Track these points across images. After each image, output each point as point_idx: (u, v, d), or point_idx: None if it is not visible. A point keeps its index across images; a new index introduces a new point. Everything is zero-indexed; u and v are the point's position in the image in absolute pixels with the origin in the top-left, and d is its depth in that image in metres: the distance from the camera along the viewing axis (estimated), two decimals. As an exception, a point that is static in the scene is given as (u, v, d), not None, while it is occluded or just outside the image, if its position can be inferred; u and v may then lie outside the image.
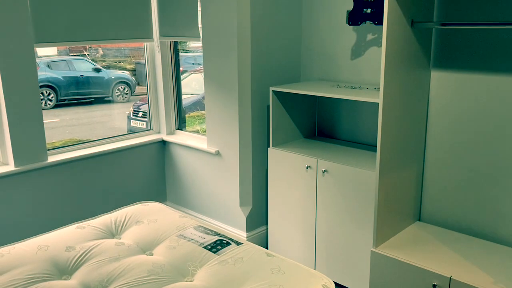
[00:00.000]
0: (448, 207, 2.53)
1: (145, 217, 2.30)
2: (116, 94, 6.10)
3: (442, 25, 2.18)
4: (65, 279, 1.84)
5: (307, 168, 2.77)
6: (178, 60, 3.63)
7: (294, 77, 3.26)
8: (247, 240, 3.16)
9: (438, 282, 2.09)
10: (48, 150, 3.15)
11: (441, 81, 2.48)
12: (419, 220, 2.66)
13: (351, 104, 3.01)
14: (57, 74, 5.97)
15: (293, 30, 3.16)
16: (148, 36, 3.47)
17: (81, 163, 3.21)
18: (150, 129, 3.73)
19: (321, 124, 3.22)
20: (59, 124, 5.75)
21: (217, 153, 3.22)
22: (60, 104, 5.82)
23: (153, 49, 3.60)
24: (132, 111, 4.95)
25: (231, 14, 2.88)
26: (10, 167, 2.89)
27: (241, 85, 2.99)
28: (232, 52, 2.94)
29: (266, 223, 3.31)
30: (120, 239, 2.16)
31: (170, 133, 3.70)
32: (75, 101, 6.10)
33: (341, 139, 3.11)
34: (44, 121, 3.01)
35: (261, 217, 3.27)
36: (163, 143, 3.66)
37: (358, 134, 3.01)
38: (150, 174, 3.62)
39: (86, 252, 1.97)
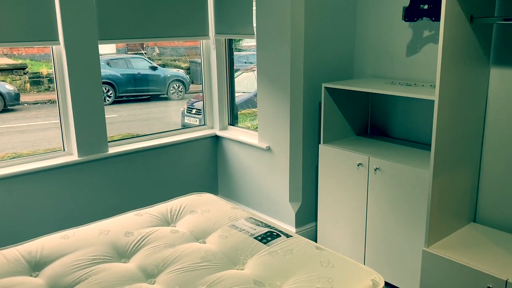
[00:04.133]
0: (505, 209, 2.45)
1: (199, 207, 2.39)
2: (171, 91, 6.28)
3: (505, 20, 2.12)
4: (123, 262, 1.96)
5: (358, 165, 2.77)
6: (232, 58, 3.72)
7: (347, 74, 3.25)
8: (296, 235, 3.19)
9: (493, 285, 2.03)
10: (108, 142, 3.31)
11: (501, 79, 2.40)
12: (474, 221, 2.59)
13: (406, 101, 2.97)
14: (116, 72, 6.17)
15: (347, 27, 3.15)
16: (204, 33, 3.57)
17: (139, 155, 3.36)
18: (204, 124, 3.84)
19: (374, 122, 3.19)
20: (117, 119, 5.98)
21: (268, 149, 3.27)
22: (118, 101, 6.06)
23: (208, 47, 3.70)
24: (186, 108, 5.10)
25: (285, 11, 2.92)
26: (74, 157, 3.07)
27: (293, 82, 3.02)
28: (285, 49, 2.98)
29: (316, 220, 3.33)
30: (175, 227, 2.25)
31: (222, 128, 3.79)
32: (132, 98, 6.32)
33: (394, 137, 3.08)
34: (105, 115, 3.18)
35: (311, 213, 3.29)
36: (216, 138, 3.76)
37: (412, 133, 2.97)
38: (203, 167, 3.73)
39: (143, 238, 2.08)
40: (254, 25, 3.23)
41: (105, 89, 5.94)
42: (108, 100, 5.94)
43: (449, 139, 2.29)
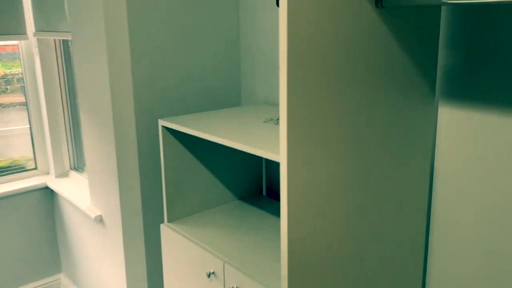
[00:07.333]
0: None
1: None
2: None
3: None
4: None
5: (209, 275, 1.50)
6: (72, 66, 2.42)
7: (232, 99, 1.97)
8: None
9: None
10: None
11: (460, 128, 1.12)
12: None
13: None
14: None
15: (227, 22, 1.86)
16: (18, 31, 2.29)
17: None
18: (34, 168, 2.55)
19: (271, 178, 1.92)
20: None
21: (100, 220, 2.00)
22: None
23: (31, 51, 2.42)
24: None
25: (91, -9, 1.65)
26: None
27: (119, 115, 1.74)
28: (102, 59, 1.70)
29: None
30: None
31: (61, 175, 2.50)
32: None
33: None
34: None
35: (167, 327, 2.01)
36: (51, 191, 2.47)
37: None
38: (34, 236, 2.46)
39: None
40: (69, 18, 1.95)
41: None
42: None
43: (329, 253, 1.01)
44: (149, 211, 1.84)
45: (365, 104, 0.98)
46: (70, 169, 2.49)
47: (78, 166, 2.48)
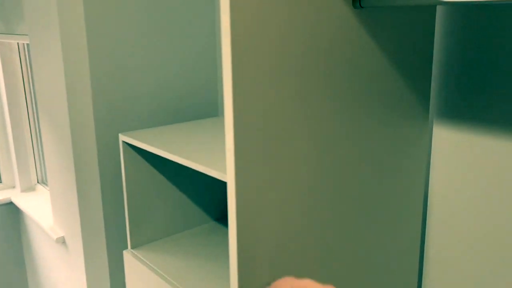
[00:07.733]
0: None
1: None
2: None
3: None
4: None
5: (173, 314, 1.31)
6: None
7: (209, 108, 1.78)
8: None
9: None
10: None
11: (458, 150, 0.93)
12: None
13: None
14: None
15: (202, 21, 1.67)
16: (-23, 33, 2.10)
17: None
18: (-1, 182, 2.37)
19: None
20: None
21: (62, 242, 1.81)
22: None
23: (-7, 55, 2.23)
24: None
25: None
26: None
27: (78, 125, 1.55)
28: (57, 64, 1.52)
29: None
30: None
31: (27, 189, 2.30)
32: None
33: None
34: None
35: None
36: (17, 207, 2.28)
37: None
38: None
39: None
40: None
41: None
42: None
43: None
44: (114, 234, 1.64)
45: (339, 122, 0.79)
46: (38, 182, 2.29)
47: (46, 179, 2.29)
